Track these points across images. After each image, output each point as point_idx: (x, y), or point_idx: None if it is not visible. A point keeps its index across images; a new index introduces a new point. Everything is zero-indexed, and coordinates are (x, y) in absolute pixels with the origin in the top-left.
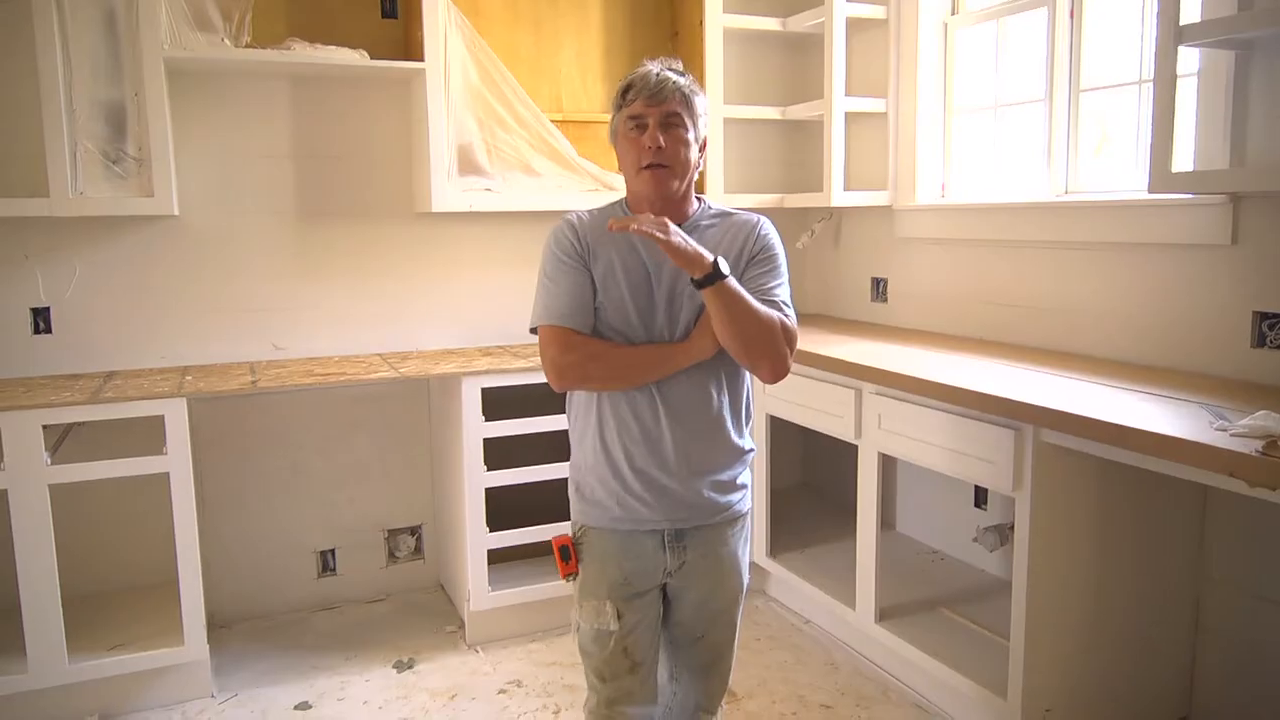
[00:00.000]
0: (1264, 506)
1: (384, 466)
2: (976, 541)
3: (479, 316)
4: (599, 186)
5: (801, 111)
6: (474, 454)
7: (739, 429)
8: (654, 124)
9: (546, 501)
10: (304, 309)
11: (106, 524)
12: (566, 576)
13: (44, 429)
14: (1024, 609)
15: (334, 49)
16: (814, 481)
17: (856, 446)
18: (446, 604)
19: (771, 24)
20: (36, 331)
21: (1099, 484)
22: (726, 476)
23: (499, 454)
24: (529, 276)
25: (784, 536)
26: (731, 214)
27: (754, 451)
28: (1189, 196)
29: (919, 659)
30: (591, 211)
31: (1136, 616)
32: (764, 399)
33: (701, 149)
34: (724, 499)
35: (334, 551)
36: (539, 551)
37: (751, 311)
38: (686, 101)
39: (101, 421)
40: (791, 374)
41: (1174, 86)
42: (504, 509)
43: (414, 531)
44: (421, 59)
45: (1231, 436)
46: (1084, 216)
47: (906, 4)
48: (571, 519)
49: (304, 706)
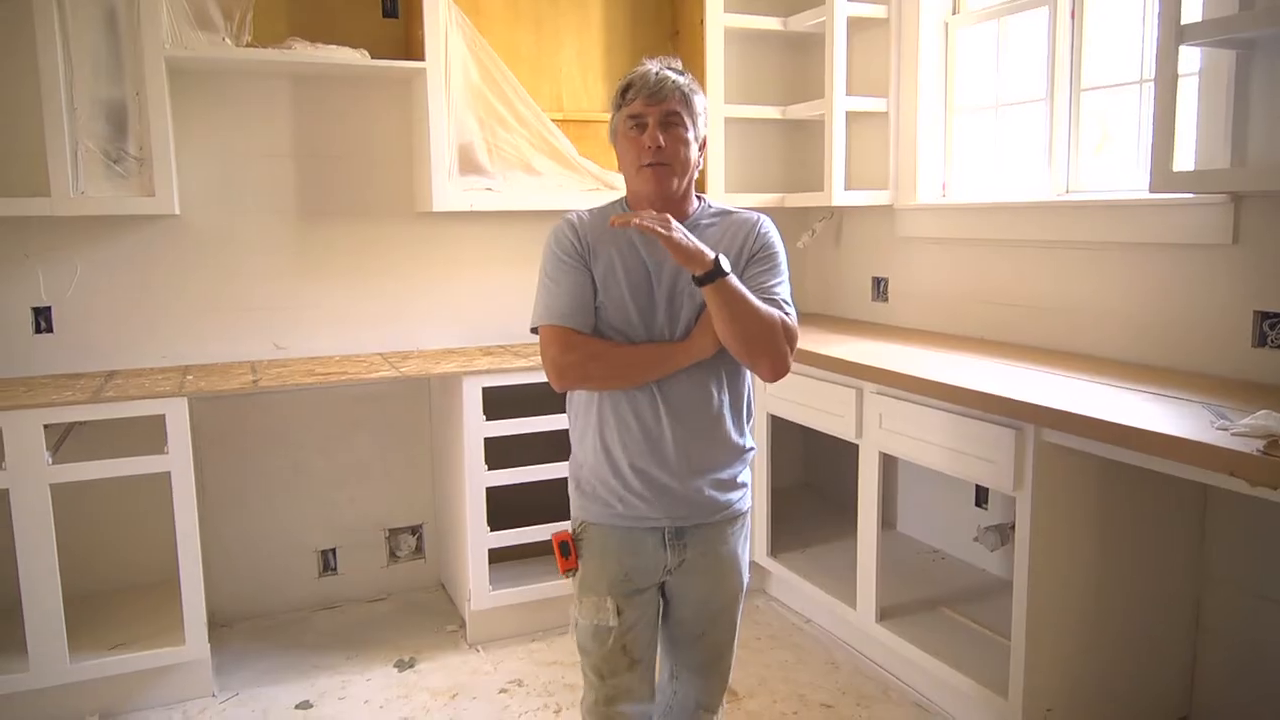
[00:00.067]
0: (1265, 506)
1: (385, 466)
2: (977, 541)
3: (480, 316)
4: (599, 185)
5: (802, 111)
6: (475, 453)
7: (739, 427)
8: (654, 123)
9: (547, 501)
10: (305, 308)
11: (107, 523)
12: (566, 573)
13: (45, 428)
14: (1025, 608)
15: (335, 48)
16: (815, 481)
17: (857, 446)
18: (447, 603)
19: (772, 23)
20: (38, 331)
21: (1100, 483)
22: (727, 475)
23: (500, 453)
24: (529, 276)
25: (785, 536)
26: (732, 212)
27: (754, 450)
28: (1190, 196)
29: (920, 658)
30: (592, 211)
31: (1137, 616)
32: (765, 398)
33: (701, 148)
34: (724, 497)
35: (335, 551)
36: (540, 551)
37: (752, 309)
38: (686, 100)
39: (102, 421)
40: (792, 373)
41: (1175, 86)
42: (505, 508)
43: (415, 531)
44: (422, 58)
45: (1232, 436)
46: (1085, 216)
47: (907, 3)
48: (571, 515)
49: (305, 706)
